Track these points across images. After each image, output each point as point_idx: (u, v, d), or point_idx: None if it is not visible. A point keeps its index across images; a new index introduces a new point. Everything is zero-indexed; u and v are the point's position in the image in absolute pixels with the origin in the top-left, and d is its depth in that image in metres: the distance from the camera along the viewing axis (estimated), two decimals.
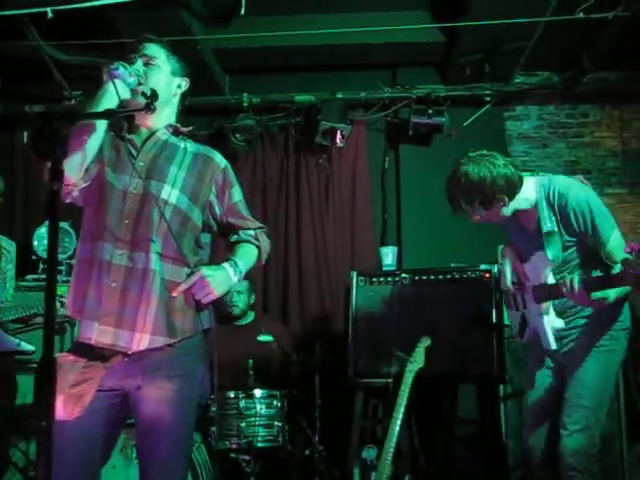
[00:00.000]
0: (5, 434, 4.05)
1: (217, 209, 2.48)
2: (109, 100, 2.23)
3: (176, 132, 2.49)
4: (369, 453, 4.08)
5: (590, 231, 2.81)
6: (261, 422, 4.10)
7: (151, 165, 2.35)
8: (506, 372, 4.32)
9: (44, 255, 4.81)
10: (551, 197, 2.88)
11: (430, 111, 5.18)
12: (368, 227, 5.49)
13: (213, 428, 4.11)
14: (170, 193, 2.32)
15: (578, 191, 2.86)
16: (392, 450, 3.82)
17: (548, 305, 2.96)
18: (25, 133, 5.53)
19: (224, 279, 2.35)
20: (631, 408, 4.09)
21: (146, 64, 2.40)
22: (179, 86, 2.52)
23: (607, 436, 4.20)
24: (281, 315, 5.37)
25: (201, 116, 5.59)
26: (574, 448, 2.83)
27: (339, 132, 5.27)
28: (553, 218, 2.88)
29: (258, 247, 2.54)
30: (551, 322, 2.97)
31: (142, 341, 2.22)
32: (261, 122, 5.46)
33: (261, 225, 2.60)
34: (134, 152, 2.37)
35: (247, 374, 4.24)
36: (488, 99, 5.37)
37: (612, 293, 2.74)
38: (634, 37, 4.51)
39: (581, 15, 4.10)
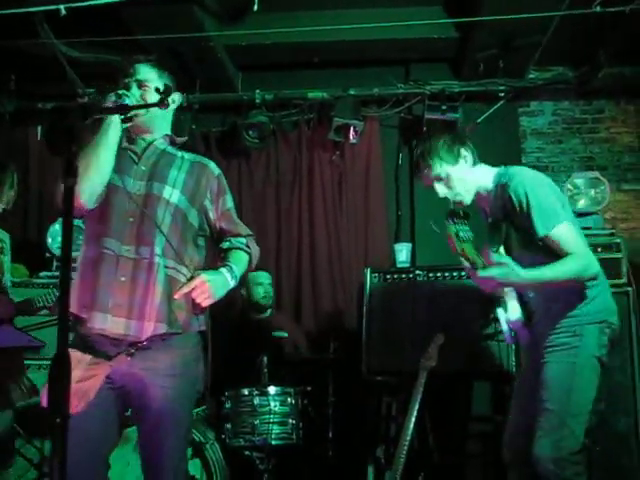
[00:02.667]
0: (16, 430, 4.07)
1: (211, 214, 2.64)
2: (115, 130, 2.40)
3: (172, 142, 2.66)
4: (383, 450, 4.07)
5: (527, 220, 2.72)
6: (275, 419, 4.10)
7: (152, 169, 2.52)
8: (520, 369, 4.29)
9: (58, 252, 4.82)
10: (499, 186, 2.86)
11: (444, 107, 5.15)
12: (382, 223, 5.47)
13: (227, 425, 4.11)
14: (171, 193, 2.49)
15: (521, 180, 2.78)
16: (406, 448, 3.81)
17: (506, 298, 2.93)
18: (39, 128, 5.56)
19: (222, 284, 2.51)
20: None
21: (140, 87, 2.53)
22: (173, 101, 2.61)
23: (622, 435, 4.19)
24: (294, 312, 5.36)
25: (214, 113, 5.60)
26: (538, 454, 2.70)
27: (352, 128, 5.25)
28: (500, 208, 2.85)
29: (249, 254, 2.69)
30: (506, 314, 2.94)
31: (149, 328, 2.36)
32: (274, 119, 5.45)
33: (250, 232, 2.75)
34: (136, 159, 2.54)
35: (261, 370, 4.24)
36: (502, 95, 5.33)
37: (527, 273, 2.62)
38: None
39: (598, 9, 4.05)
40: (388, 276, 4.72)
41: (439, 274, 4.58)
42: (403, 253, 5.21)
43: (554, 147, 5.62)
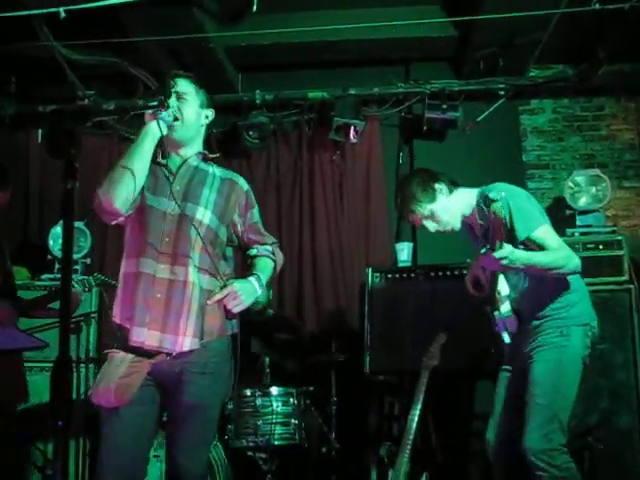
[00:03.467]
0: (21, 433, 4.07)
1: (239, 227, 2.81)
2: (152, 138, 2.55)
3: (205, 159, 2.79)
4: (386, 450, 4.07)
5: (510, 228, 2.92)
6: (278, 420, 4.10)
7: (186, 189, 2.66)
8: None
9: (60, 255, 4.83)
10: (482, 200, 3.08)
11: (444, 106, 5.14)
12: (383, 223, 5.46)
13: (230, 426, 4.12)
14: (204, 214, 2.63)
15: (501, 191, 2.97)
16: (409, 447, 3.81)
17: (502, 301, 3.11)
18: (40, 131, 5.56)
19: (252, 291, 2.69)
20: None
21: (178, 99, 2.66)
22: (207, 117, 2.80)
23: (625, 431, 4.18)
24: (296, 312, 5.35)
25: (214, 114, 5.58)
26: (529, 447, 2.88)
27: (353, 128, 5.24)
28: (485, 219, 3.08)
29: (274, 261, 2.88)
30: (501, 314, 3.11)
31: (184, 343, 2.52)
32: (274, 119, 5.44)
33: (275, 240, 2.95)
34: (170, 177, 2.67)
35: (264, 371, 4.24)
36: (502, 93, 5.31)
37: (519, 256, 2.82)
38: None
39: (597, 6, 4.04)
40: (389, 275, 4.72)
41: (440, 273, 4.58)
42: (404, 252, 5.21)
43: (555, 145, 5.61)
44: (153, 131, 2.54)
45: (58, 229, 4.95)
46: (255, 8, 4.24)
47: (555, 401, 2.92)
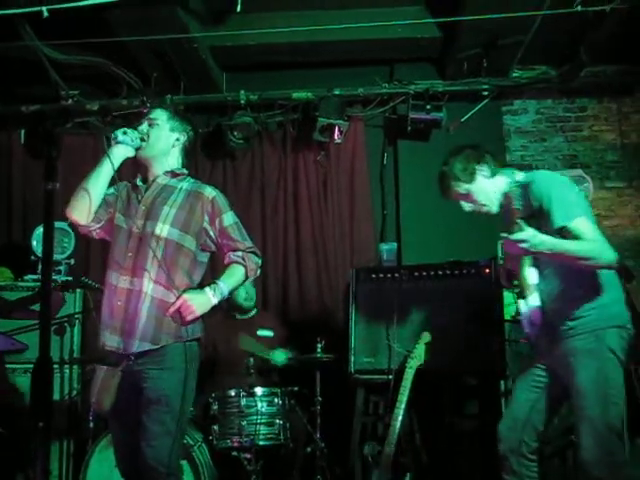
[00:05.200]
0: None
1: (211, 233, 3.03)
2: (108, 162, 2.88)
3: (173, 175, 3.07)
4: (371, 450, 4.07)
5: (546, 215, 2.82)
6: (262, 420, 4.10)
7: (150, 207, 2.97)
8: (507, 367, 4.31)
9: None
10: (523, 187, 2.97)
11: (428, 106, 5.17)
12: (367, 223, 5.48)
13: (214, 427, 4.11)
14: (162, 229, 2.91)
15: (544, 177, 2.96)
16: (393, 446, 3.82)
17: (529, 291, 2.99)
18: (22, 132, 5.52)
19: (203, 301, 2.93)
20: (633, 401, 4.06)
21: (150, 124, 3.03)
22: (177, 139, 3.09)
23: None
24: (281, 311, 5.36)
25: (198, 114, 5.58)
26: (590, 461, 2.76)
27: (337, 128, 5.26)
28: (521, 202, 2.94)
29: (245, 266, 3.04)
30: (527, 305, 2.99)
31: (134, 345, 2.83)
32: (259, 119, 5.45)
33: (250, 246, 3.09)
34: (140, 198, 3.01)
35: (248, 372, 4.24)
36: (486, 94, 5.36)
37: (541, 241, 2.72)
38: (631, 30, 4.50)
39: (579, 8, 4.08)
40: (374, 275, 4.71)
41: (424, 273, 4.57)
42: (389, 252, 5.22)
43: (538, 145, 5.65)
44: (116, 155, 2.91)
45: (41, 230, 4.89)
46: (239, 8, 4.23)
47: (607, 410, 2.76)
